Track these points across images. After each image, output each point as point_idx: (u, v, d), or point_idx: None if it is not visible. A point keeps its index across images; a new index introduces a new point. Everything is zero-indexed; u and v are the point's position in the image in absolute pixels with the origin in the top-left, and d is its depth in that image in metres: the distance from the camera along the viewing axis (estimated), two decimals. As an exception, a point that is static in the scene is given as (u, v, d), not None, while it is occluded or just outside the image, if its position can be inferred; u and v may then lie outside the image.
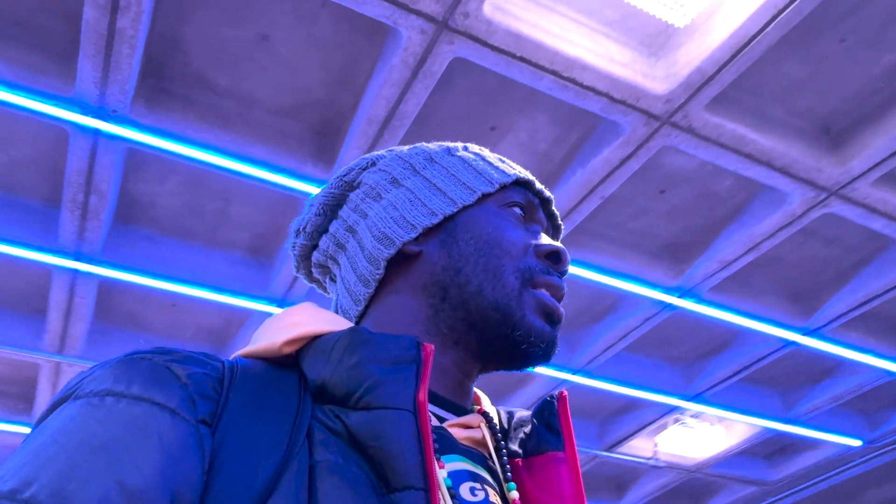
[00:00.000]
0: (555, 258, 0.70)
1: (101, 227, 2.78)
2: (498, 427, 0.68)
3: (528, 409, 0.72)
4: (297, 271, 0.82)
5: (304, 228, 0.78)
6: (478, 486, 0.59)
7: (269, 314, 2.39)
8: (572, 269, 2.92)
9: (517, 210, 0.71)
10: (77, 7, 2.06)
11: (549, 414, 0.67)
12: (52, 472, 0.41)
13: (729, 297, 3.32)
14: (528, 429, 0.68)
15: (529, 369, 0.69)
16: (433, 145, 0.77)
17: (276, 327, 0.62)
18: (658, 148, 2.55)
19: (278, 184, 2.64)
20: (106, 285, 3.13)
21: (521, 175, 0.73)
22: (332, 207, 0.76)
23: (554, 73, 2.26)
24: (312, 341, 0.59)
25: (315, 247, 0.78)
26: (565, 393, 0.67)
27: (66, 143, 2.45)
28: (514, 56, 2.20)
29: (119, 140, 2.43)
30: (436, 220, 0.68)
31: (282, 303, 3.21)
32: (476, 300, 0.65)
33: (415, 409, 0.51)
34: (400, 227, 0.69)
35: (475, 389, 0.72)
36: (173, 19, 2.19)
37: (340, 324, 0.62)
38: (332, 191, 0.76)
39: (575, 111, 2.48)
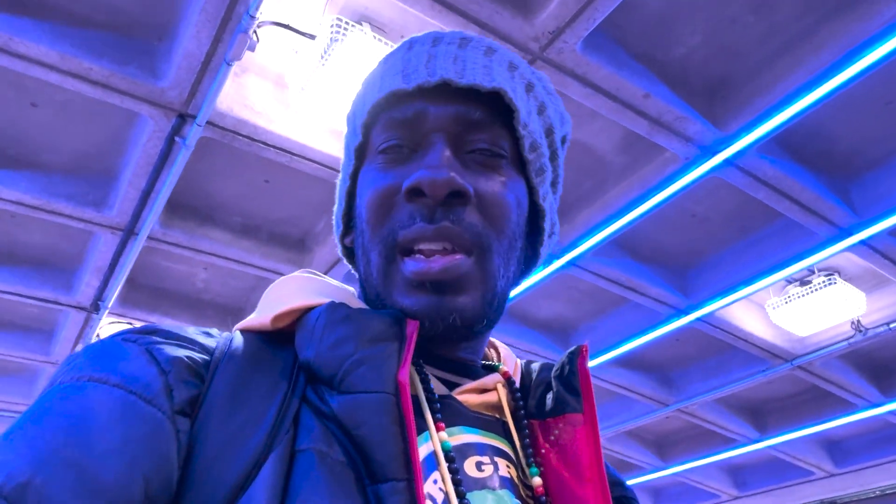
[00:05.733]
0: (414, 194, 0.53)
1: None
2: (518, 387, 0.61)
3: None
4: None
5: None
6: (485, 459, 0.53)
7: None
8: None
9: (385, 148, 0.57)
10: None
11: (569, 371, 0.58)
12: (20, 463, 0.40)
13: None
14: (549, 386, 0.60)
15: (468, 338, 0.58)
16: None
17: (270, 299, 0.59)
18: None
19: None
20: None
21: (379, 95, 0.56)
22: None
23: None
24: (305, 315, 0.56)
25: None
26: (586, 347, 0.58)
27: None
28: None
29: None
30: (343, 206, 0.63)
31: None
32: (367, 291, 0.58)
33: (396, 391, 0.47)
34: (336, 225, 0.66)
35: (495, 343, 0.66)
36: None
37: (333, 295, 0.57)
38: None
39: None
